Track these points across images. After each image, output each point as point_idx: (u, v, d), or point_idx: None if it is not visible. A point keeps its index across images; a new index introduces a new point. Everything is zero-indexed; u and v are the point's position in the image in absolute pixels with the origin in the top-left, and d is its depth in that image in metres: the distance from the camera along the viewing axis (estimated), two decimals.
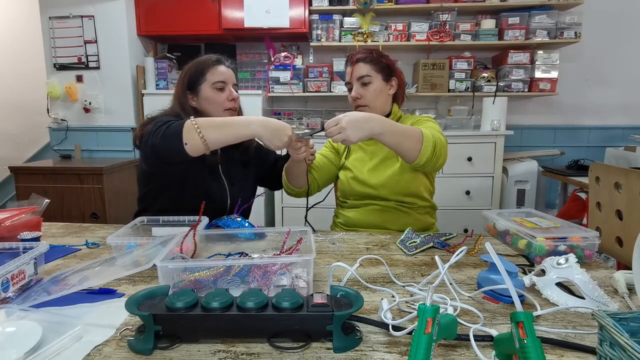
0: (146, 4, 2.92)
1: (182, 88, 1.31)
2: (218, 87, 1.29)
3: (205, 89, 1.29)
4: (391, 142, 1.14)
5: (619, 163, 2.53)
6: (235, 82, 1.35)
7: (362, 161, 1.42)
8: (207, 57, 1.33)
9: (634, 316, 0.53)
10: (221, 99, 1.30)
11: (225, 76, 1.30)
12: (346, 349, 0.62)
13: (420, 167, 1.20)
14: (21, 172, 2.70)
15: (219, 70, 1.30)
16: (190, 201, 1.19)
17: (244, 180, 1.42)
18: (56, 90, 2.98)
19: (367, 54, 1.36)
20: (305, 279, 0.79)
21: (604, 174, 1.42)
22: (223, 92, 1.30)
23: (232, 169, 1.39)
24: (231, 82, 1.32)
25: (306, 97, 3.15)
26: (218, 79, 1.29)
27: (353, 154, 1.46)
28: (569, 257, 0.85)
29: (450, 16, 2.77)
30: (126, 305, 0.64)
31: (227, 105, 1.31)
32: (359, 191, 1.39)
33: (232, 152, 1.38)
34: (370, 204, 1.39)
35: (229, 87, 1.31)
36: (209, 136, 1.06)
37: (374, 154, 1.41)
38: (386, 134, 1.12)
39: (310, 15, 2.84)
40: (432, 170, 1.28)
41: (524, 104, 3.15)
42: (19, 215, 1.13)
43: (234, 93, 1.32)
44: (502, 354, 0.57)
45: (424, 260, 1.03)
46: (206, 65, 1.30)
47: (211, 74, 1.29)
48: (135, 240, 0.95)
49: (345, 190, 1.43)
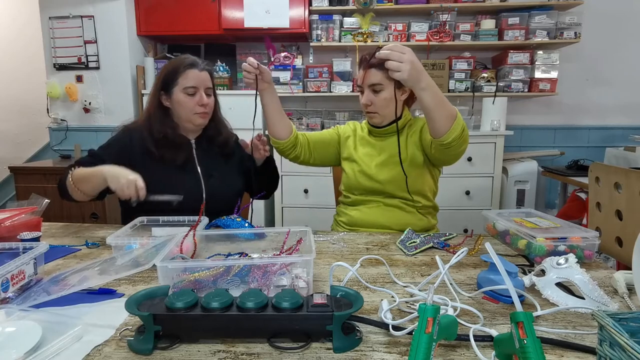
0: (146, 4, 2.92)
1: (157, 88, 1.34)
2: (189, 92, 1.31)
3: (177, 93, 1.31)
4: (429, 101, 1.10)
5: (619, 163, 2.53)
6: (209, 85, 1.34)
7: (370, 156, 1.42)
8: (181, 59, 1.33)
9: (634, 316, 0.53)
10: (191, 103, 1.31)
11: (196, 81, 1.31)
12: (346, 349, 0.62)
13: (444, 146, 1.17)
14: (21, 172, 2.70)
15: (190, 75, 1.30)
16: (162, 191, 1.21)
17: (224, 173, 1.42)
18: (56, 90, 2.98)
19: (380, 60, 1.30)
20: (305, 279, 0.79)
21: (603, 174, 1.42)
22: (194, 97, 1.31)
23: (210, 161, 1.40)
24: (203, 86, 1.32)
25: (306, 97, 3.16)
26: (189, 84, 1.30)
27: (361, 148, 1.45)
28: (568, 257, 0.85)
29: (450, 16, 2.77)
30: (126, 305, 0.64)
31: (197, 110, 1.32)
32: (366, 185, 1.39)
33: (209, 145, 1.41)
34: (374, 200, 1.39)
35: (200, 92, 1.32)
36: (83, 189, 1.23)
37: (382, 149, 1.41)
38: (428, 90, 1.09)
39: (310, 15, 2.84)
40: (453, 155, 1.24)
41: (523, 104, 3.15)
42: (19, 215, 1.13)
43: (204, 99, 1.32)
44: (502, 354, 0.57)
45: (423, 260, 1.03)
46: (179, 68, 1.31)
47: (183, 78, 1.30)
48: (135, 240, 0.96)
49: (351, 183, 1.43)
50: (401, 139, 1.40)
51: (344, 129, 1.53)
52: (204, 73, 1.33)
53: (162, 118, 1.34)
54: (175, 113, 1.35)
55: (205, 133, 1.41)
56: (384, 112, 1.36)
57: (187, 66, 1.31)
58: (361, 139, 1.47)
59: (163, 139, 1.31)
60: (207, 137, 1.41)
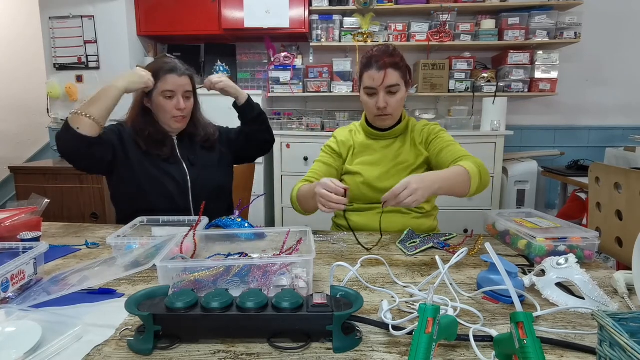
0: (146, 4, 2.92)
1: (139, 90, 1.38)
2: (167, 95, 1.35)
3: (156, 96, 1.36)
4: (446, 192, 1.17)
5: (619, 163, 2.53)
6: (188, 89, 1.39)
7: (371, 165, 1.38)
8: (162, 63, 1.37)
9: (634, 316, 0.53)
10: (169, 107, 1.36)
11: (174, 86, 1.35)
12: (346, 349, 0.62)
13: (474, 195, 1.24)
14: (21, 172, 2.70)
15: (169, 81, 1.34)
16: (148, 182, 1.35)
17: (208, 164, 1.47)
18: (56, 90, 2.98)
19: (394, 58, 1.27)
20: (305, 279, 0.79)
21: (603, 174, 1.42)
22: (171, 101, 1.36)
23: (193, 152, 1.46)
24: (181, 91, 1.36)
25: (306, 97, 3.16)
26: (166, 88, 1.35)
27: (359, 157, 1.42)
28: (568, 258, 0.85)
29: (450, 16, 2.77)
30: (126, 305, 0.64)
31: (175, 114, 1.37)
32: (370, 196, 1.36)
33: (191, 139, 1.46)
34: (376, 207, 1.36)
35: (178, 97, 1.36)
36: (92, 113, 1.22)
37: (384, 157, 1.38)
38: (443, 187, 1.15)
39: (310, 15, 2.84)
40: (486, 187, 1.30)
41: (524, 104, 3.15)
42: (19, 215, 1.13)
43: (181, 103, 1.36)
44: (502, 354, 0.57)
45: (423, 260, 1.03)
46: (159, 73, 1.35)
47: (162, 82, 1.34)
48: (135, 240, 0.96)
49: (353, 194, 1.38)
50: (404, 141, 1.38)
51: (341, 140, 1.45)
52: (183, 78, 1.37)
53: (144, 117, 1.39)
54: (155, 115, 1.41)
55: (186, 131, 1.45)
56: (396, 114, 1.34)
57: (167, 71, 1.35)
58: (360, 146, 1.42)
59: (147, 137, 1.37)
60: (188, 134, 1.46)
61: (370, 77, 1.28)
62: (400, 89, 1.29)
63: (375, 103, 1.29)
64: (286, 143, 2.74)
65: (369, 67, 1.28)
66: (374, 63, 1.27)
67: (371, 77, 1.27)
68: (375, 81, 1.27)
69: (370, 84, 1.28)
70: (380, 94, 1.28)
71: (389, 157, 1.38)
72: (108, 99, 1.26)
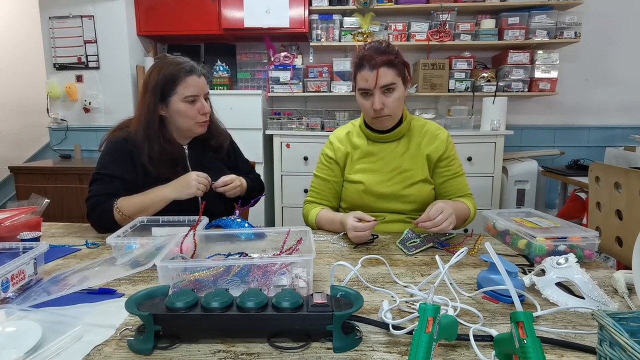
0: (146, 4, 2.92)
1: (154, 96, 1.23)
2: (189, 100, 1.24)
3: (175, 102, 1.24)
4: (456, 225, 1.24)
5: (619, 163, 2.53)
6: (207, 91, 1.30)
7: (372, 172, 1.34)
8: (179, 65, 1.24)
9: (634, 316, 0.53)
10: (193, 112, 1.25)
11: (197, 89, 1.25)
12: (346, 348, 0.62)
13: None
14: (21, 172, 2.70)
15: (190, 83, 1.23)
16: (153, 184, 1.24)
17: (214, 168, 1.36)
18: (56, 90, 2.98)
19: (388, 56, 1.20)
20: (305, 279, 0.79)
21: (603, 174, 1.42)
22: (194, 105, 1.25)
23: (201, 158, 1.37)
24: (203, 93, 1.27)
25: (306, 97, 3.16)
26: (190, 92, 1.23)
27: (359, 163, 1.36)
28: (568, 257, 0.85)
29: (450, 16, 2.77)
30: (126, 305, 0.64)
31: (199, 119, 1.27)
32: (371, 205, 1.33)
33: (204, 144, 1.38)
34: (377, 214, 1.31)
35: (200, 100, 1.26)
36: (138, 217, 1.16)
37: (386, 164, 1.34)
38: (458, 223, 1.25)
39: (310, 15, 2.84)
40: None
41: (523, 104, 3.15)
42: (19, 215, 1.13)
43: (206, 107, 1.27)
44: (502, 354, 0.57)
45: (423, 260, 1.03)
46: (178, 76, 1.22)
47: (183, 86, 1.23)
48: (135, 240, 0.96)
49: (354, 202, 1.36)
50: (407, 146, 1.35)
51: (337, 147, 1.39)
52: (202, 79, 1.27)
53: (159, 130, 1.26)
54: (173, 123, 1.28)
55: (199, 137, 1.36)
56: (396, 114, 1.27)
57: (187, 72, 1.23)
58: (361, 152, 1.36)
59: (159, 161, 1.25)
60: (200, 139, 1.37)
61: (363, 78, 1.22)
62: (396, 88, 1.22)
63: (371, 105, 1.23)
64: (286, 143, 2.74)
65: (361, 67, 1.22)
66: (365, 63, 1.21)
67: (364, 78, 1.21)
68: (369, 82, 1.21)
69: (363, 85, 1.23)
70: (376, 95, 1.22)
71: (391, 164, 1.33)
72: (156, 207, 1.21)
